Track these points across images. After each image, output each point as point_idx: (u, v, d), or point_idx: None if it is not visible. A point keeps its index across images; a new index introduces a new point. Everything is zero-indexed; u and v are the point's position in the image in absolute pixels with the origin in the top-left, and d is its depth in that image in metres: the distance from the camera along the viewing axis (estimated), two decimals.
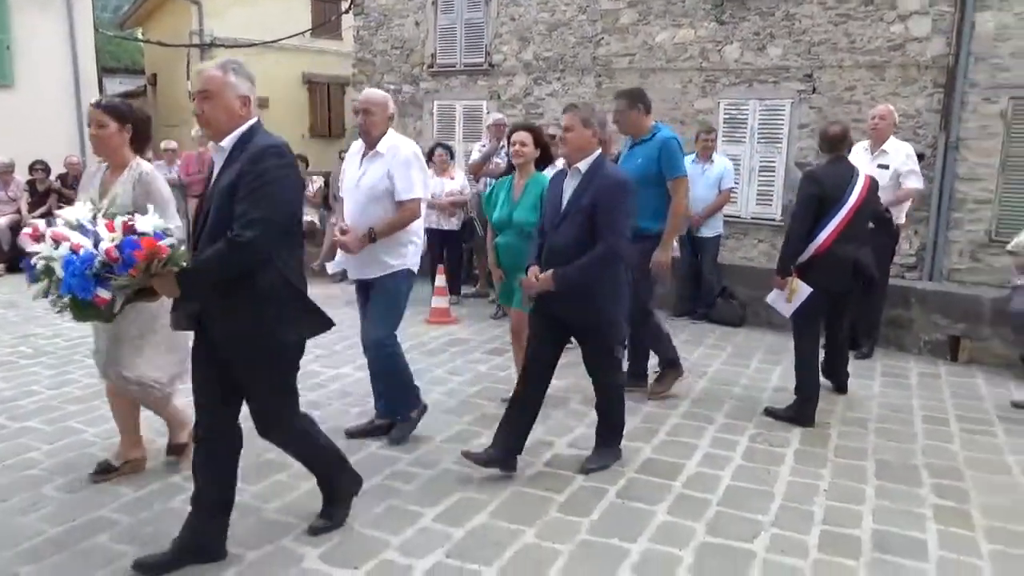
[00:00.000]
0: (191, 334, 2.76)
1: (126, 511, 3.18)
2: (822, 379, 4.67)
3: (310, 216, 8.84)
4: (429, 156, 7.34)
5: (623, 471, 3.64)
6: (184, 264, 2.46)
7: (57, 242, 2.40)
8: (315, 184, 9.25)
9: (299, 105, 16.76)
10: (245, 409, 2.75)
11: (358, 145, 3.93)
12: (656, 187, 4.44)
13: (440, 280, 6.95)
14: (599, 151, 3.47)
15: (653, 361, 4.87)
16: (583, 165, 3.43)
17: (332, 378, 5.05)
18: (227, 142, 2.61)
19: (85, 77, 12.76)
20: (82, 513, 3.15)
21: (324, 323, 2.75)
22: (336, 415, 4.33)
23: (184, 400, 3.44)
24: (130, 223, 2.44)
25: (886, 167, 5.61)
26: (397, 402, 3.97)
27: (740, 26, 9.46)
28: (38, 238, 2.45)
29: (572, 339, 3.62)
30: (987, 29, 7.95)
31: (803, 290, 4.31)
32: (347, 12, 13.86)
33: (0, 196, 9.33)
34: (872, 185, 4.46)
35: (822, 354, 4.70)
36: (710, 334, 6.48)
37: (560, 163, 4.15)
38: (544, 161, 4.36)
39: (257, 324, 2.57)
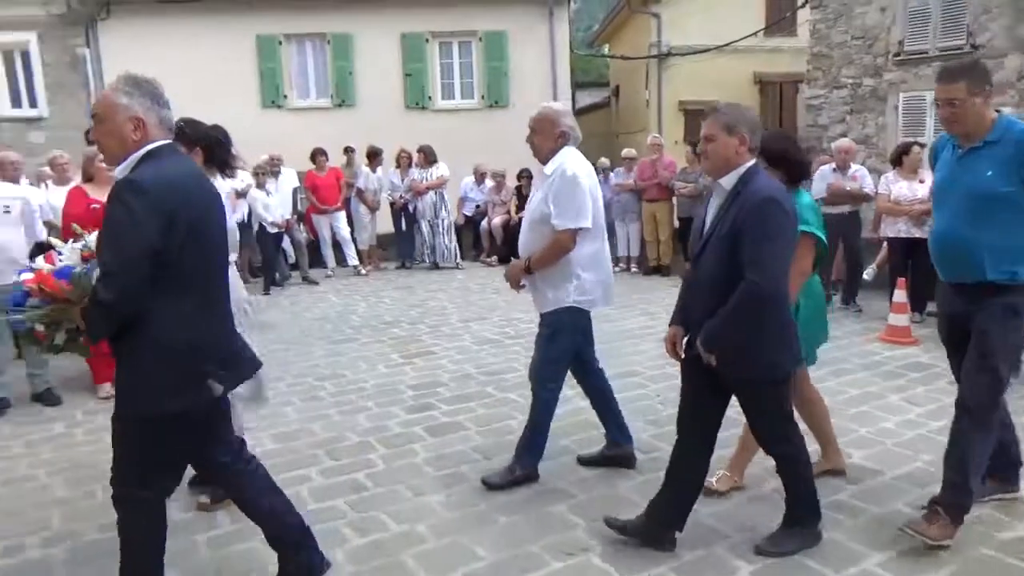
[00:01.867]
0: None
1: (583, 487, 3.58)
2: None
3: None
4: (900, 156, 6.74)
5: None
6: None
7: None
8: None
9: (749, 105, 16.55)
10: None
11: None
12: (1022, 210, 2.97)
13: (900, 295, 6.26)
14: (750, 163, 2.76)
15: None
16: (727, 181, 2.76)
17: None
18: (118, 172, 2.34)
19: (561, 93, 14.58)
20: (546, 481, 3.65)
21: (199, 396, 2.36)
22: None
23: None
24: (59, 254, 2.42)
25: None
26: (521, 446, 3.69)
27: None
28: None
29: None
30: None
31: None
32: (803, 6, 13.29)
33: (495, 199, 11.21)
34: None
35: None
36: None
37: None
38: (797, 177, 3.34)
39: (128, 383, 2.33)
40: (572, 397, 4.87)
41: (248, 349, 2.68)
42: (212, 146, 3.48)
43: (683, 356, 2.88)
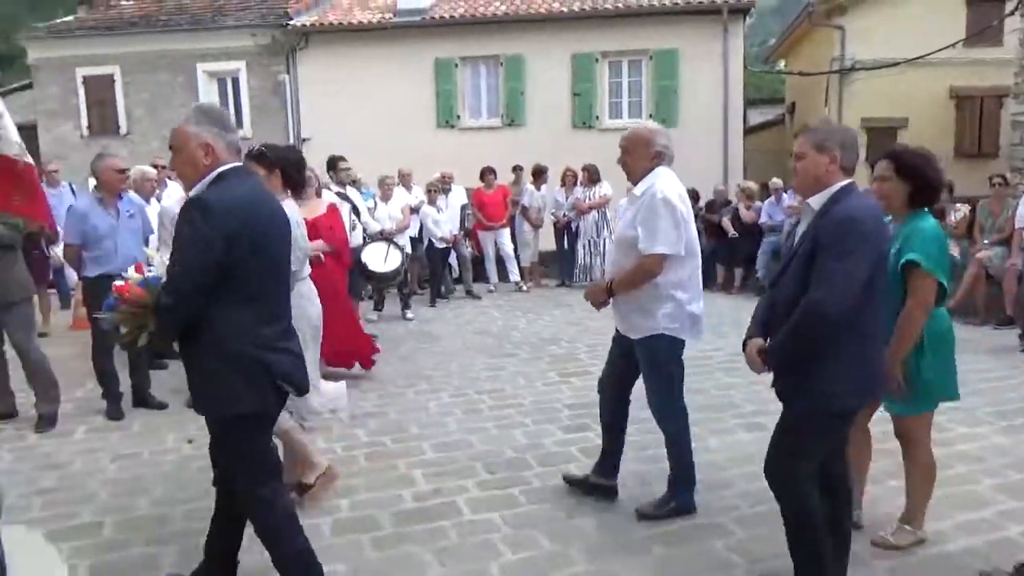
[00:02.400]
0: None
1: (743, 524, 3.42)
2: None
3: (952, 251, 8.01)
4: None
5: None
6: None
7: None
8: (958, 213, 8.31)
9: (943, 123, 15.33)
10: None
11: None
12: None
13: None
14: (842, 183, 2.59)
15: None
16: (816, 201, 2.62)
17: None
18: (192, 193, 2.53)
19: (732, 111, 14.21)
20: (704, 515, 3.50)
21: (267, 397, 2.52)
22: None
23: (308, 438, 3.73)
24: (149, 267, 2.63)
25: None
26: (671, 478, 3.55)
27: None
28: None
29: None
30: None
31: None
32: (1012, 14, 12.06)
33: None
34: None
35: None
36: None
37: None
38: (924, 199, 3.04)
39: (199, 387, 2.55)
40: (733, 428, 4.69)
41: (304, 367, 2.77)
42: (287, 167, 3.76)
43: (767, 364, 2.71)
